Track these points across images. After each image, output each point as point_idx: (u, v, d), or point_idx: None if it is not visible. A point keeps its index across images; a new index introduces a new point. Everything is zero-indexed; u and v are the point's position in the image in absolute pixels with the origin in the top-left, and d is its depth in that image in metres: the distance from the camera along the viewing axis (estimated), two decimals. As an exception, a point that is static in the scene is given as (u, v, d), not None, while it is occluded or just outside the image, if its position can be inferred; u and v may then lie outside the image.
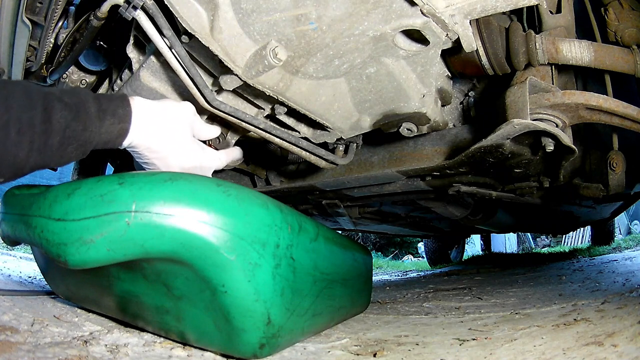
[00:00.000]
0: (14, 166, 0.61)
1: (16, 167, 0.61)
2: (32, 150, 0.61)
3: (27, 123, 0.60)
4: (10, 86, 0.61)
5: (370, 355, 0.83)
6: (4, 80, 0.67)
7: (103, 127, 0.68)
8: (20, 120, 0.59)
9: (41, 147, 0.62)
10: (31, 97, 0.61)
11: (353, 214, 1.95)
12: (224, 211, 0.65)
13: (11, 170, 0.61)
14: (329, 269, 0.92)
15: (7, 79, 0.95)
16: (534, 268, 2.69)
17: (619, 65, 0.92)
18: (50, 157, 0.64)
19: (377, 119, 0.95)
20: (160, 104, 0.77)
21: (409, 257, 8.70)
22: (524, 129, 0.89)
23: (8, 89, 0.60)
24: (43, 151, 0.62)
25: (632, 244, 3.76)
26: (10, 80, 0.89)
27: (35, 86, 0.64)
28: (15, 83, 0.63)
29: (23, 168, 0.62)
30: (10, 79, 0.97)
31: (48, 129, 0.62)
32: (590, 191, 1.15)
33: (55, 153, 0.64)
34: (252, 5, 0.71)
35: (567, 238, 7.52)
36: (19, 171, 0.62)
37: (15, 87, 0.61)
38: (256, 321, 0.69)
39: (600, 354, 0.68)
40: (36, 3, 0.87)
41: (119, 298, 0.84)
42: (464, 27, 0.75)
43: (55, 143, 0.63)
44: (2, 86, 0.61)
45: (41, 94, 0.63)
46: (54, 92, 0.65)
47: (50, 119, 0.62)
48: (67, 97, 0.65)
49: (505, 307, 1.32)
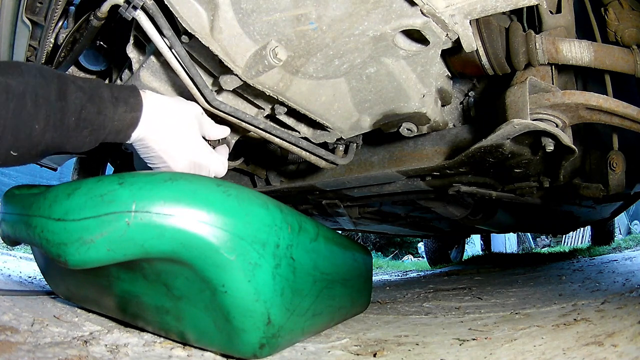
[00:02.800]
0: (29, 140, 0.60)
1: (31, 142, 0.60)
2: (48, 125, 0.60)
3: (43, 97, 0.59)
4: (25, 66, 0.61)
5: (370, 355, 0.83)
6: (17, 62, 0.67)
7: (117, 114, 0.68)
8: (36, 92, 0.59)
9: (57, 123, 0.61)
10: (45, 76, 0.61)
11: (353, 214, 1.95)
12: (224, 211, 0.65)
13: (26, 144, 0.60)
14: (329, 269, 0.92)
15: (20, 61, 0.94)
16: (534, 268, 2.69)
17: (619, 65, 0.92)
18: (67, 137, 0.63)
19: (377, 119, 0.95)
20: (169, 98, 0.77)
21: (409, 257, 8.70)
22: (524, 129, 0.89)
23: (22, 67, 0.60)
24: (60, 128, 0.62)
25: (632, 244, 3.76)
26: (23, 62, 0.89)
27: (48, 68, 0.64)
28: (29, 64, 0.63)
29: (38, 144, 0.61)
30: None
31: (64, 107, 0.61)
32: (590, 191, 1.15)
33: (72, 134, 0.64)
34: (252, 5, 0.71)
35: (567, 238, 7.51)
36: (34, 147, 0.61)
37: (29, 66, 0.61)
38: (256, 321, 0.69)
39: (600, 354, 0.68)
40: (36, 3, 0.87)
41: (119, 298, 0.83)
42: (464, 27, 0.75)
43: (72, 123, 0.63)
44: (17, 65, 0.61)
45: (55, 75, 0.63)
46: (67, 75, 0.65)
47: (65, 98, 0.62)
48: (80, 81, 0.65)
49: (505, 307, 1.32)
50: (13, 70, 0.59)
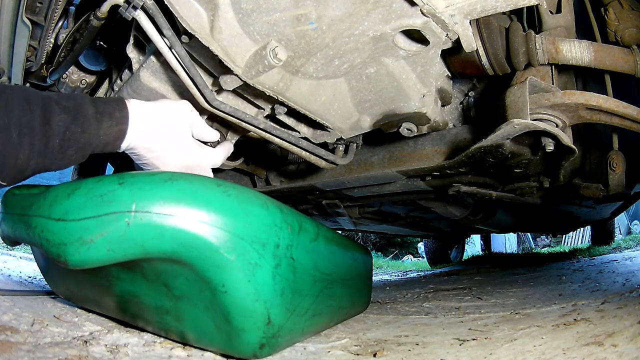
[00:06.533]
0: (15, 169, 0.61)
1: (17, 170, 0.61)
2: (32, 152, 0.61)
3: (27, 125, 0.60)
4: (9, 90, 0.62)
5: (370, 355, 0.83)
6: (2, 85, 0.67)
7: (101, 130, 0.68)
8: (20, 123, 0.60)
9: (42, 149, 0.62)
10: (29, 101, 0.62)
11: (353, 214, 1.95)
12: (224, 211, 0.65)
13: (13, 173, 0.61)
14: (329, 269, 0.92)
15: (5, 84, 0.95)
16: (534, 268, 2.69)
17: (619, 65, 0.92)
18: (52, 160, 0.64)
19: (377, 119, 0.95)
20: (156, 104, 0.77)
21: (409, 257, 8.69)
22: (524, 129, 0.89)
23: (7, 93, 0.61)
24: (44, 153, 0.63)
25: (632, 244, 3.76)
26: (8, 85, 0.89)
27: (33, 90, 0.65)
28: (13, 87, 0.64)
29: (24, 171, 0.62)
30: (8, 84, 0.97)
31: (48, 131, 0.62)
32: (590, 191, 1.15)
33: (56, 156, 0.65)
34: (252, 5, 0.71)
35: (567, 238, 7.51)
36: (20, 174, 0.63)
37: (13, 91, 0.62)
38: (256, 321, 0.69)
39: (600, 354, 0.68)
40: (36, 3, 0.87)
41: (119, 298, 0.83)
42: (464, 27, 0.75)
43: (56, 146, 0.64)
44: (1, 90, 0.61)
45: (39, 98, 0.63)
46: (51, 97, 0.65)
47: (49, 122, 0.62)
48: (64, 101, 0.66)
49: (505, 307, 1.32)
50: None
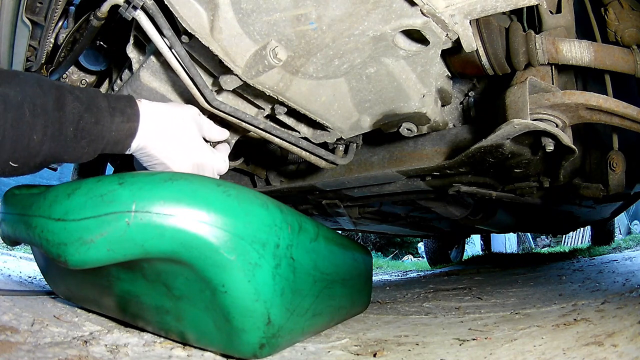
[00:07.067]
0: (27, 150, 0.60)
1: (30, 152, 0.60)
2: (46, 136, 0.60)
3: (40, 106, 0.59)
4: (22, 75, 0.61)
5: (370, 355, 0.83)
6: (14, 71, 0.67)
7: (114, 124, 0.68)
8: (34, 103, 0.59)
9: (56, 134, 0.61)
10: (43, 86, 0.61)
11: (353, 214, 1.95)
12: (224, 211, 0.65)
13: (25, 154, 0.60)
14: (329, 269, 0.92)
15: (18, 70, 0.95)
16: (534, 268, 2.69)
17: (619, 65, 0.92)
18: (65, 148, 0.63)
19: (377, 119, 0.95)
20: (166, 105, 0.78)
21: (409, 257, 8.69)
22: (524, 129, 0.89)
23: (20, 77, 0.60)
24: (58, 139, 0.62)
25: (632, 244, 3.76)
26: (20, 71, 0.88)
27: (46, 78, 0.65)
28: (26, 74, 0.63)
29: (36, 155, 0.61)
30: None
31: (62, 117, 0.61)
32: (590, 191, 1.15)
33: (70, 144, 0.64)
34: (252, 5, 0.71)
35: (567, 238, 7.51)
36: (32, 158, 0.62)
37: (27, 76, 0.62)
38: (256, 321, 0.69)
39: (600, 354, 0.68)
40: (36, 3, 0.87)
41: (119, 298, 0.83)
42: (464, 27, 0.75)
43: (70, 133, 0.63)
44: (14, 74, 0.61)
45: (53, 85, 0.63)
46: (64, 85, 0.65)
47: (63, 108, 0.62)
48: (77, 91, 0.65)
49: (505, 307, 1.32)
50: (11, 80, 0.59)
